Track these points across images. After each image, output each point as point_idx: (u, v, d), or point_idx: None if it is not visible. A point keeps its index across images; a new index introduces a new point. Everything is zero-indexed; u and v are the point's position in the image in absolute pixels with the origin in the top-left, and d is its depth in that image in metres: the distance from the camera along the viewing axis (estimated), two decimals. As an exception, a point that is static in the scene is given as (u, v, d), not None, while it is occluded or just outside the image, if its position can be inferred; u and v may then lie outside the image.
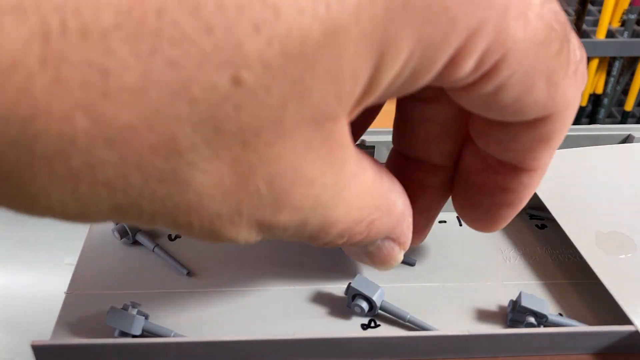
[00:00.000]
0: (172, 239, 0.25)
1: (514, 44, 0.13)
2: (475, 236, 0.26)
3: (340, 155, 0.13)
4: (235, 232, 0.13)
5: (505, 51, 0.13)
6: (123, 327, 0.20)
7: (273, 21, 0.10)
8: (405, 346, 0.20)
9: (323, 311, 0.22)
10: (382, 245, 0.19)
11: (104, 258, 0.24)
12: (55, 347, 0.19)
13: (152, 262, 0.24)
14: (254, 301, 0.22)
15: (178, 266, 0.23)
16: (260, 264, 0.24)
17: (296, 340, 0.20)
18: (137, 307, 0.21)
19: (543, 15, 0.13)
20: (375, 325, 0.22)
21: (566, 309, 0.22)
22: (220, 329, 0.21)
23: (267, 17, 0.10)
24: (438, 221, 0.26)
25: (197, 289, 0.23)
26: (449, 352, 0.20)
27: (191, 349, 0.19)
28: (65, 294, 0.22)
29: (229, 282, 0.23)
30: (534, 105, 0.14)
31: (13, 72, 0.09)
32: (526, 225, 0.27)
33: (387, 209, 0.16)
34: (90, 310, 0.22)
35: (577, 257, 0.25)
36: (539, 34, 0.13)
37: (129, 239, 0.24)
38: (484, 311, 0.22)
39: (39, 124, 0.09)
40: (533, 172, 0.18)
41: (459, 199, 0.20)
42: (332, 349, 0.20)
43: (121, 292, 0.23)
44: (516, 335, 0.20)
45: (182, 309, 0.22)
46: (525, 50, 0.13)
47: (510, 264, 0.25)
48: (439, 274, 0.24)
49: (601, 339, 0.20)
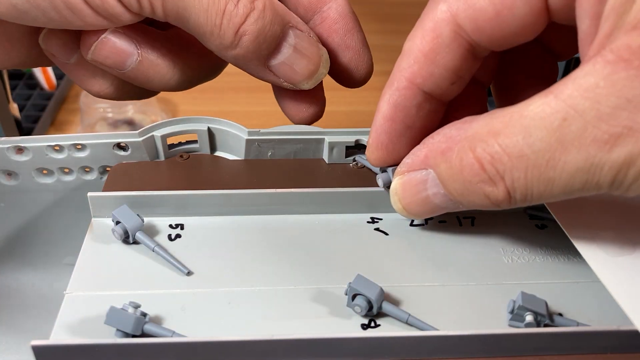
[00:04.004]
0: (172, 239, 0.25)
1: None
2: (475, 236, 0.26)
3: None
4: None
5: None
6: (123, 327, 0.20)
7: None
8: (405, 346, 0.20)
9: (323, 311, 0.22)
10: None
11: (104, 258, 0.24)
12: (55, 347, 0.19)
13: (152, 262, 0.24)
14: (254, 301, 0.22)
15: (178, 266, 0.23)
16: (260, 264, 0.24)
17: (296, 340, 0.20)
18: (137, 307, 0.21)
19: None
20: (375, 325, 0.22)
21: (566, 309, 0.22)
22: (220, 329, 0.21)
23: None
24: (438, 221, 0.26)
25: (197, 289, 0.23)
26: (449, 352, 0.20)
27: (191, 349, 0.19)
28: (65, 294, 0.22)
29: (229, 282, 0.23)
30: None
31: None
32: (526, 225, 0.27)
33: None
34: (90, 310, 0.22)
35: (577, 257, 0.25)
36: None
37: (129, 239, 0.24)
38: (484, 311, 0.22)
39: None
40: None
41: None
42: (332, 349, 0.20)
43: (121, 292, 0.23)
44: (516, 335, 0.20)
45: (182, 309, 0.22)
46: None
47: (510, 264, 0.25)
48: (439, 274, 0.24)
49: (601, 339, 0.20)
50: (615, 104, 0.17)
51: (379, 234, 0.26)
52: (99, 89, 0.28)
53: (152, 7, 0.23)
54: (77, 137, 0.28)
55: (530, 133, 0.18)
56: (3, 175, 0.29)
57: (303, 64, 0.26)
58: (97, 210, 0.26)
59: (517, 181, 0.19)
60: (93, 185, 0.29)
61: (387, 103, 0.24)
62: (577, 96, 0.17)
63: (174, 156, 0.28)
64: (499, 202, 0.20)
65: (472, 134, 0.20)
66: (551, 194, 0.19)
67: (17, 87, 0.65)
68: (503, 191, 0.19)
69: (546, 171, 0.18)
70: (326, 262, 0.24)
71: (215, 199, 0.26)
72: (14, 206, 0.30)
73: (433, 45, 0.22)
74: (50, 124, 0.61)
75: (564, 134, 0.18)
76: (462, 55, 0.22)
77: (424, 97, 0.23)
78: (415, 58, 0.23)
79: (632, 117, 0.17)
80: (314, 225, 0.26)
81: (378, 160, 0.25)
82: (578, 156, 0.18)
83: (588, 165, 0.18)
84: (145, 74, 0.27)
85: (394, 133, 0.24)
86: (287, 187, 0.26)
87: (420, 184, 0.23)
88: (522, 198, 0.19)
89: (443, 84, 0.23)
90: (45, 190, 0.30)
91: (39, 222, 0.31)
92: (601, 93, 0.17)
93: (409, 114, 0.24)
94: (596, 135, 0.17)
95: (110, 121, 0.56)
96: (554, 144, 0.18)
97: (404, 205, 0.24)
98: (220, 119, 0.28)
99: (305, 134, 0.28)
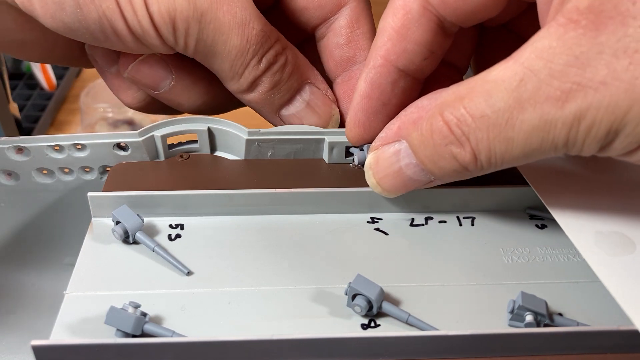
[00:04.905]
0: (172, 239, 0.25)
1: None
2: (475, 236, 0.26)
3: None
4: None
5: None
6: (123, 327, 0.20)
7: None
8: (405, 346, 0.20)
9: (323, 311, 0.22)
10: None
11: (104, 258, 0.24)
12: (55, 347, 0.19)
13: (152, 262, 0.24)
14: (254, 301, 0.22)
15: (178, 266, 0.23)
16: (260, 264, 0.24)
17: (296, 340, 0.20)
18: (137, 307, 0.21)
19: None
20: (375, 325, 0.22)
21: (566, 309, 0.22)
22: (220, 329, 0.21)
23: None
24: (438, 221, 0.26)
25: (197, 289, 0.23)
26: (449, 352, 0.20)
27: (191, 349, 0.19)
28: (65, 294, 0.22)
29: (229, 282, 0.23)
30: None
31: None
32: (526, 225, 0.27)
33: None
34: (90, 310, 0.22)
35: (577, 257, 0.25)
36: None
37: (129, 239, 0.24)
38: (484, 311, 0.22)
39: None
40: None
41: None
42: (332, 349, 0.20)
43: (121, 292, 0.23)
44: (516, 335, 0.20)
45: (182, 309, 0.22)
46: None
47: (510, 264, 0.25)
48: (439, 274, 0.24)
49: (601, 339, 0.20)
50: (566, 61, 0.18)
51: (379, 234, 0.26)
52: (131, 101, 0.30)
53: (185, 45, 0.25)
54: (77, 137, 0.28)
55: (491, 95, 0.19)
56: (3, 175, 0.29)
57: (312, 120, 0.28)
58: (97, 210, 0.26)
59: (481, 142, 0.20)
60: (93, 185, 0.29)
61: (363, 81, 0.25)
62: (533, 58, 0.18)
63: (174, 156, 0.28)
64: (467, 164, 0.21)
65: (441, 102, 0.21)
66: (512, 155, 0.20)
67: (17, 87, 0.65)
68: (469, 152, 0.20)
69: (505, 130, 0.19)
70: (326, 262, 0.24)
71: (215, 199, 0.26)
72: (14, 206, 0.30)
73: (404, 21, 0.23)
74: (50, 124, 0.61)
75: (520, 93, 0.19)
76: (432, 30, 0.23)
77: (399, 74, 0.24)
78: (388, 35, 0.24)
79: (580, 73, 0.18)
80: (314, 225, 0.26)
81: (356, 138, 0.26)
82: (533, 114, 0.19)
83: (543, 123, 0.19)
84: (177, 98, 0.29)
85: (371, 110, 0.25)
86: (287, 187, 0.26)
87: (393, 156, 0.24)
88: (486, 160, 0.20)
89: (416, 59, 0.24)
90: (45, 190, 0.30)
91: (39, 222, 0.31)
92: (554, 52, 0.18)
93: (385, 91, 0.25)
94: (549, 92, 0.18)
95: (110, 121, 0.56)
96: (512, 104, 0.19)
97: (377, 179, 0.25)
98: (220, 119, 0.28)
99: (305, 134, 0.28)
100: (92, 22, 0.24)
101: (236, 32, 0.25)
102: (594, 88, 0.18)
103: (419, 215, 0.27)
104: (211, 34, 0.25)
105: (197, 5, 0.24)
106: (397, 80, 0.25)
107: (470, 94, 0.20)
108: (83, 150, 0.28)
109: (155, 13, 0.24)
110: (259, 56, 0.26)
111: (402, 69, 0.24)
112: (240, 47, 0.25)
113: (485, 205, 0.27)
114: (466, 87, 0.20)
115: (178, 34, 0.25)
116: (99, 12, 0.24)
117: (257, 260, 0.24)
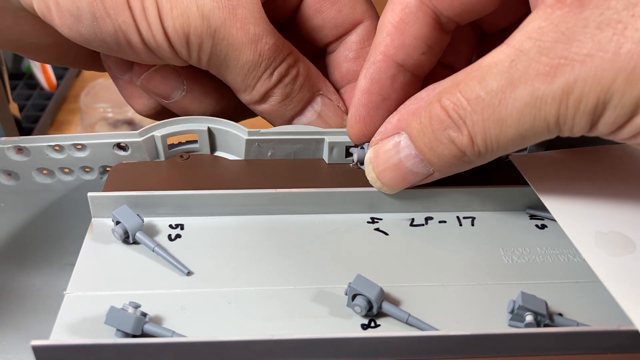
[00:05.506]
0: (172, 239, 0.25)
1: None
2: (476, 236, 0.26)
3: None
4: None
5: None
6: (123, 327, 0.20)
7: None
8: (405, 346, 0.20)
9: (323, 311, 0.22)
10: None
11: (104, 258, 0.24)
12: (55, 347, 0.19)
13: (152, 262, 0.24)
14: (254, 301, 0.22)
15: (178, 266, 0.23)
16: (260, 264, 0.24)
17: (296, 340, 0.20)
18: (137, 307, 0.21)
19: None
20: (375, 325, 0.22)
21: (566, 309, 0.22)
22: (220, 329, 0.21)
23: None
24: (438, 221, 0.26)
25: (197, 289, 0.23)
26: (449, 352, 0.20)
27: (191, 349, 0.19)
28: (65, 294, 0.22)
29: (229, 282, 0.23)
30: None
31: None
32: (526, 225, 0.27)
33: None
34: (90, 310, 0.22)
35: (577, 257, 0.25)
36: None
37: (129, 239, 0.24)
38: (484, 311, 0.22)
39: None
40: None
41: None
42: (332, 349, 0.20)
43: (121, 292, 0.23)
44: (516, 335, 0.20)
45: (182, 309, 0.22)
46: None
47: (510, 264, 0.25)
48: (439, 274, 0.24)
49: (601, 339, 0.20)
50: (553, 38, 0.18)
51: (379, 234, 0.26)
52: (142, 109, 0.31)
53: (199, 59, 0.26)
54: (77, 137, 0.28)
55: (485, 77, 0.20)
56: (3, 175, 0.29)
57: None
58: (97, 210, 0.26)
59: (477, 124, 0.20)
60: (93, 185, 0.29)
61: (363, 77, 0.25)
62: (524, 39, 0.19)
63: (174, 156, 0.28)
64: (464, 147, 0.21)
65: (440, 90, 0.21)
66: (507, 136, 0.20)
67: (17, 87, 0.65)
68: (467, 136, 0.21)
69: (499, 110, 0.20)
70: (326, 262, 0.24)
71: (215, 199, 0.26)
72: (14, 206, 0.30)
73: (402, 16, 0.24)
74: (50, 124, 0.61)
75: (512, 73, 0.19)
76: (430, 24, 0.24)
77: (398, 69, 0.25)
78: (387, 31, 0.24)
79: (567, 48, 0.18)
80: (314, 225, 0.26)
81: (357, 134, 0.27)
82: (525, 91, 0.19)
83: (534, 100, 0.19)
84: (188, 107, 0.29)
85: (371, 105, 0.26)
86: (287, 187, 0.26)
87: (393, 149, 0.24)
88: (482, 142, 0.21)
89: (414, 54, 0.24)
90: (45, 191, 0.30)
91: (39, 222, 0.31)
92: (542, 32, 0.19)
93: (385, 86, 0.25)
94: (538, 69, 0.19)
95: (110, 121, 0.56)
96: (505, 84, 0.19)
97: (377, 173, 0.25)
98: (220, 119, 0.28)
99: (305, 134, 0.28)
100: (107, 34, 0.24)
101: (249, 48, 0.25)
102: (580, 61, 0.18)
103: (419, 215, 0.27)
104: (224, 50, 0.25)
105: (211, 22, 0.24)
106: (397, 74, 0.25)
107: (466, 79, 0.21)
108: (83, 150, 0.28)
109: (170, 28, 0.24)
110: (271, 69, 0.26)
111: (401, 63, 0.25)
112: (253, 62, 0.26)
113: (485, 205, 0.27)
114: (462, 74, 0.21)
115: (191, 49, 0.25)
116: (115, 26, 0.24)
117: (257, 260, 0.24)
